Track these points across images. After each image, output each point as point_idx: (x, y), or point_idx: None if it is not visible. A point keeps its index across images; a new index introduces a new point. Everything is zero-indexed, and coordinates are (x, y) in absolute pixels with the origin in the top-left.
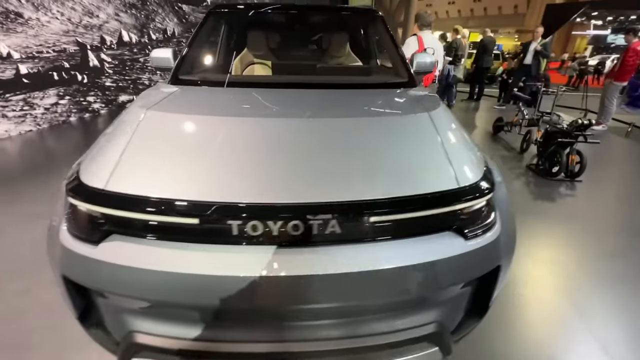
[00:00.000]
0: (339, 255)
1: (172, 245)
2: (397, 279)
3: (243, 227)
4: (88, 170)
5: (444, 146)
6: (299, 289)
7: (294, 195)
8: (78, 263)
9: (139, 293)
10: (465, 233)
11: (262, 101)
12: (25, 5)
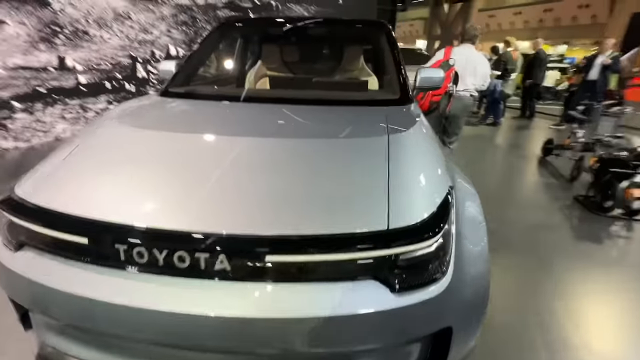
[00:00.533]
0: (223, 295)
1: (65, 263)
2: (282, 331)
3: (129, 252)
4: (23, 180)
5: (389, 178)
6: (169, 327)
7: (185, 222)
8: (1, 269)
9: (38, 307)
10: (393, 284)
11: (227, 117)
12: (92, 24)
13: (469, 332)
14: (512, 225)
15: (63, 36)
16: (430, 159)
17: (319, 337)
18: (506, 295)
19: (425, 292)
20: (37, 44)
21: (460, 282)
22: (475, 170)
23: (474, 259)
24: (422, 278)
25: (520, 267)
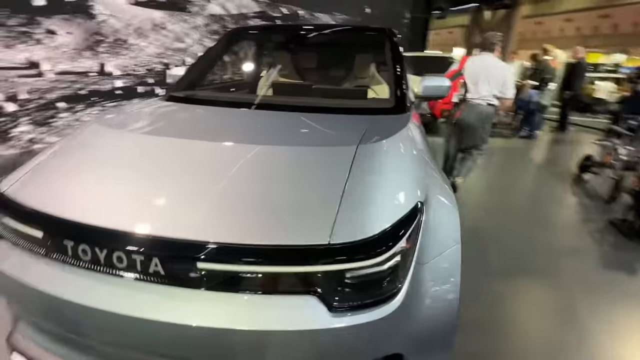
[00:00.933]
0: (152, 298)
1: (24, 254)
2: (203, 340)
3: (75, 248)
4: (10, 175)
5: (345, 189)
6: (103, 324)
7: (126, 223)
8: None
9: (6, 295)
10: (331, 303)
11: (207, 121)
12: (131, 34)
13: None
14: (532, 247)
15: (106, 45)
16: (400, 172)
17: (242, 350)
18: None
19: (368, 313)
20: (82, 52)
21: (416, 307)
22: (500, 185)
23: (439, 284)
24: (366, 298)
25: (531, 296)
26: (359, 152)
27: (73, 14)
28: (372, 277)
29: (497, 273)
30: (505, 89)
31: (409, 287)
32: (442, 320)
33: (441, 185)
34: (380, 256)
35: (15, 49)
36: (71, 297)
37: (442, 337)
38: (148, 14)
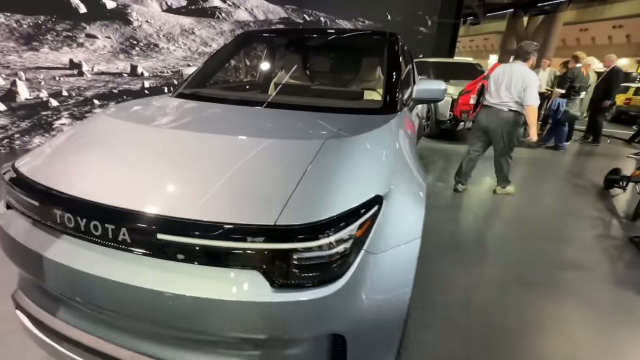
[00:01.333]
0: (120, 261)
1: (26, 221)
2: (164, 303)
3: (62, 217)
4: (26, 154)
5: (302, 178)
6: (81, 284)
7: (101, 197)
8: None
9: (7, 253)
10: (274, 279)
11: (200, 115)
12: (162, 38)
13: (372, 350)
14: (539, 259)
15: (138, 48)
16: (361, 167)
17: (189, 314)
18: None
19: (308, 292)
20: (118, 54)
21: (360, 293)
22: (516, 199)
23: (390, 275)
24: (308, 279)
25: (526, 309)
26: (325, 146)
27: (112, 20)
28: (315, 260)
29: (494, 283)
30: (524, 96)
31: (354, 273)
32: (388, 312)
33: (411, 183)
34: (323, 240)
35: (60, 52)
36: (57, 259)
37: (386, 329)
38: (178, 20)
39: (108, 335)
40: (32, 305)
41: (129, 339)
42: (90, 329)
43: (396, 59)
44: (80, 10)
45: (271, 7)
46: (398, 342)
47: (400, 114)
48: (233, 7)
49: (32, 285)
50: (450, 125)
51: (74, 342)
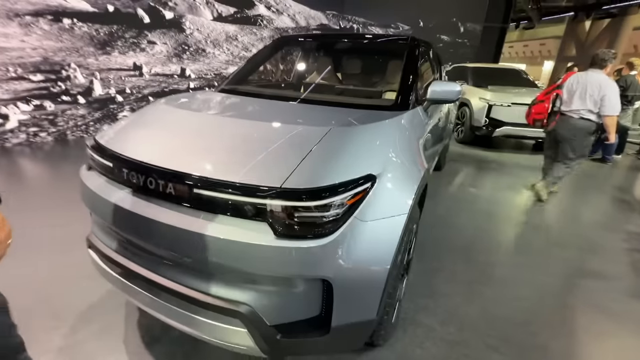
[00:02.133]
0: (165, 208)
1: (102, 177)
2: (192, 240)
3: (129, 175)
4: (104, 129)
5: (308, 154)
6: (138, 223)
7: (157, 161)
8: (81, 183)
9: (88, 204)
10: (277, 229)
11: (237, 105)
12: (209, 44)
13: (356, 299)
14: (560, 270)
15: (188, 53)
16: (360, 149)
17: (206, 249)
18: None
19: (302, 242)
20: (171, 58)
21: (346, 250)
22: (551, 208)
23: (373, 239)
24: (304, 232)
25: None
26: (331, 132)
27: (169, 28)
28: (310, 218)
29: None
30: (602, 106)
31: (342, 233)
32: (370, 272)
33: (407, 169)
34: (317, 202)
35: (127, 55)
36: (121, 204)
37: (367, 286)
38: (224, 28)
39: (150, 266)
40: (100, 243)
41: (165, 269)
42: (138, 261)
43: (412, 62)
44: (145, 21)
45: (312, 12)
46: (379, 302)
47: (411, 112)
48: (276, 14)
49: (100, 228)
50: (486, 131)
51: (127, 271)
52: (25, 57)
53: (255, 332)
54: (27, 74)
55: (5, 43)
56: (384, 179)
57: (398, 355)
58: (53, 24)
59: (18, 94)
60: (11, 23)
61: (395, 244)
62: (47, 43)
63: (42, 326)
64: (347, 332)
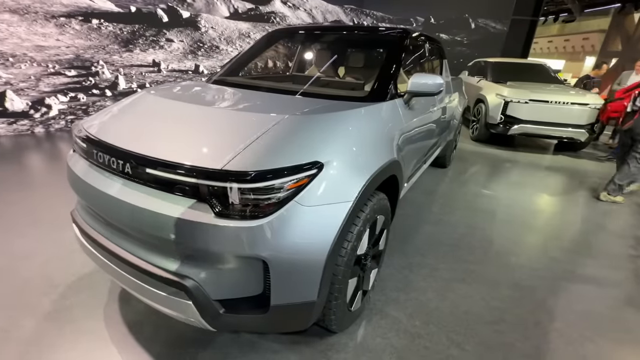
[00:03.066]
0: (124, 187)
1: (81, 158)
2: (142, 215)
3: (98, 155)
4: (90, 116)
5: (256, 140)
6: (106, 201)
7: (121, 143)
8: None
9: (70, 183)
10: (215, 208)
11: (211, 93)
12: (222, 41)
13: (294, 280)
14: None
15: (203, 50)
16: (310, 137)
17: (154, 224)
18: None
19: (239, 222)
20: (187, 55)
21: (283, 232)
22: (550, 218)
23: (314, 223)
24: (243, 212)
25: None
26: (284, 120)
27: (186, 26)
28: (248, 200)
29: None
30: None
31: (279, 215)
32: (309, 254)
33: (360, 159)
34: (254, 185)
35: (147, 52)
36: (93, 183)
37: (305, 268)
38: (237, 26)
39: (114, 239)
40: (81, 219)
41: (126, 243)
42: (105, 234)
43: (395, 54)
44: (164, 20)
45: (330, 7)
46: (318, 285)
47: (386, 104)
48: (292, 9)
49: (80, 205)
50: (501, 129)
51: (97, 243)
52: (61, 55)
53: (199, 305)
54: (63, 70)
55: (44, 42)
56: (332, 167)
57: (357, 343)
58: (83, 24)
59: (57, 87)
60: (48, 24)
61: (336, 230)
62: (79, 41)
63: (37, 292)
64: (287, 312)
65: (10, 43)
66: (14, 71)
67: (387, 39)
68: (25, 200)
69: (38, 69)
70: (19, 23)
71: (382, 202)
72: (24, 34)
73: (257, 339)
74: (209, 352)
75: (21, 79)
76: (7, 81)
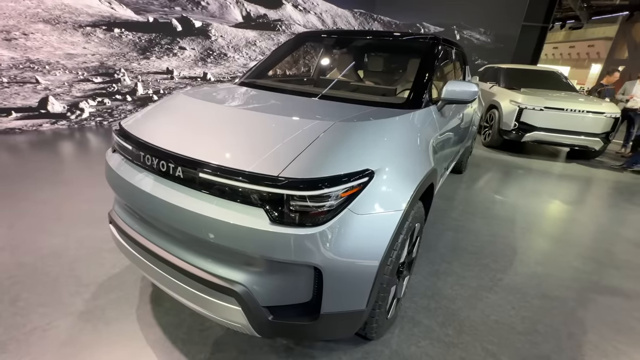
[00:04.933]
0: (174, 190)
1: (124, 159)
2: (194, 220)
3: (145, 157)
4: (128, 116)
5: (307, 147)
6: (149, 202)
7: (170, 147)
8: (106, 164)
9: (110, 183)
10: (272, 216)
11: (248, 97)
12: (230, 49)
13: (345, 289)
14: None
15: (212, 57)
16: (360, 145)
17: (207, 229)
18: None
19: (295, 229)
20: (197, 62)
21: (337, 240)
22: (571, 226)
23: (366, 231)
24: (298, 220)
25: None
26: (333, 127)
27: (197, 35)
28: (304, 207)
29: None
30: None
31: (334, 223)
32: (361, 262)
33: (409, 167)
34: (311, 192)
35: (162, 60)
36: (137, 184)
37: (357, 277)
38: (244, 34)
39: (160, 242)
40: (119, 219)
41: (172, 246)
42: (150, 237)
43: (429, 61)
44: (178, 29)
45: (339, 11)
46: (368, 294)
47: (423, 111)
48: (303, 12)
49: (119, 205)
50: (515, 136)
51: (140, 246)
52: (88, 62)
53: (248, 311)
54: (91, 77)
55: (73, 50)
56: (383, 175)
57: (392, 351)
58: (106, 33)
59: (86, 92)
60: (76, 33)
61: (388, 239)
62: (102, 49)
63: (68, 291)
64: (336, 321)
65: (45, 51)
66: (50, 78)
67: (420, 45)
68: (58, 197)
69: (70, 75)
70: (51, 32)
71: (420, 210)
72: (55, 42)
73: (293, 345)
74: (246, 356)
75: (57, 85)
76: (46, 87)
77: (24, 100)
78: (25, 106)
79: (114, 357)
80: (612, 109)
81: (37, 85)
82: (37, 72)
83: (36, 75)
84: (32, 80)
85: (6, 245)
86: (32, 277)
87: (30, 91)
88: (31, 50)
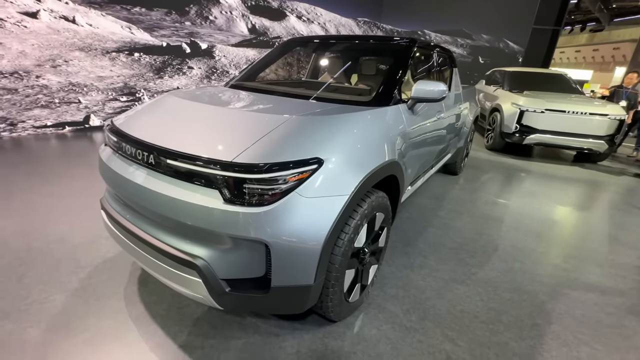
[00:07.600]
0: (147, 175)
1: (113, 152)
2: (161, 201)
3: (126, 148)
4: (121, 114)
5: (264, 136)
6: (131, 188)
7: (147, 137)
8: (99, 158)
9: (102, 174)
10: (225, 196)
11: (226, 95)
12: (232, 67)
13: (292, 264)
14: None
15: (216, 75)
16: (313, 135)
17: (172, 208)
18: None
19: (245, 208)
20: (202, 80)
21: (283, 219)
22: (559, 227)
23: (312, 213)
24: (248, 200)
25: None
26: (290, 119)
27: (203, 56)
28: (254, 190)
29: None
30: None
31: (281, 204)
32: (306, 241)
33: (359, 158)
34: (258, 176)
35: (173, 79)
36: (121, 173)
37: (302, 254)
38: (245, 53)
39: (137, 223)
40: (108, 205)
41: (146, 225)
42: (130, 218)
43: (401, 61)
44: (187, 51)
45: (343, 20)
46: (315, 270)
47: (389, 108)
48: (307, 23)
49: (109, 193)
50: (517, 138)
51: (123, 227)
52: (114, 83)
53: (208, 283)
54: (118, 97)
55: (102, 72)
56: (332, 163)
57: (353, 333)
58: (128, 57)
59: (116, 110)
60: (104, 58)
61: (332, 220)
62: (125, 71)
63: (67, 271)
64: (286, 294)
65: (81, 75)
66: (88, 98)
67: (394, 47)
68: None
69: (102, 95)
70: (85, 58)
71: (381, 200)
72: (89, 67)
73: (260, 324)
74: (217, 331)
75: (94, 104)
76: (86, 105)
77: (72, 116)
78: (74, 121)
79: (100, 327)
80: (616, 111)
81: (79, 105)
82: (78, 93)
83: (78, 97)
84: (75, 101)
85: (19, 231)
86: (39, 259)
87: (75, 109)
88: (71, 75)
